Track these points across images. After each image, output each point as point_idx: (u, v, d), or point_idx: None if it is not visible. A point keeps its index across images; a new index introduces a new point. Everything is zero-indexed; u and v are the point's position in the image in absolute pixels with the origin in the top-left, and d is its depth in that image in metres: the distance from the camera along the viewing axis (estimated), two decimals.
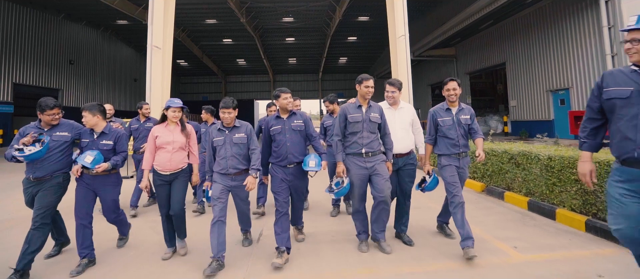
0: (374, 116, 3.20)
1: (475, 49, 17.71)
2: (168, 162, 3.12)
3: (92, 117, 3.05)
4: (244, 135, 3.11)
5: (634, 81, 1.89)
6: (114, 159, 3.07)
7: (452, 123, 3.25)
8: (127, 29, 23.64)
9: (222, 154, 3.07)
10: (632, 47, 1.90)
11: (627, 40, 1.93)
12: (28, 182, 2.93)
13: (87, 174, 3.03)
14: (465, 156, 3.28)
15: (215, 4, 18.11)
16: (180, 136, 3.21)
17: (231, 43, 26.53)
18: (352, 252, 3.24)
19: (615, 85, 1.97)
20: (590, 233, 3.49)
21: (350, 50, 29.23)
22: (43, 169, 2.87)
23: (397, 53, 8.96)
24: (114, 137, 3.15)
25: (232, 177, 3.05)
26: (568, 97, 11.92)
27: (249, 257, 3.20)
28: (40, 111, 2.91)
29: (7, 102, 16.56)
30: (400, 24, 8.89)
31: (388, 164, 3.24)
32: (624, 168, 1.89)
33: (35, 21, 18.47)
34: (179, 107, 3.22)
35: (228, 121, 3.07)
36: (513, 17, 14.50)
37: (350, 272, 2.84)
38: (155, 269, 2.99)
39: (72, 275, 2.83)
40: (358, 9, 19.37)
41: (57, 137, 2.96)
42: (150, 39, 7.92)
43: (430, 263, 2.95)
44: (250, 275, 2.83)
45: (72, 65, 21.07)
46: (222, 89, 37.36)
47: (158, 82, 7.86)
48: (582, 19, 11.13)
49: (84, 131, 3.15)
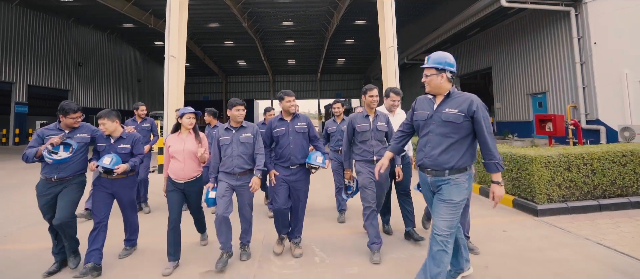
0: (381, 125, 3.30)
1: (464, 54, 18.75)
2: (181, 171, 3.12)
3: (112, 123, 3.13)
4: (251, 135, 3.15)
5: (429, 107, 2.46)
6: (132, 160, 3.16)
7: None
8: (132, 31, 24.49)
9: (228, 153, 3.09)
10: (426, 80, 2.43)
11: (424, 74, 2.44)
12: (47, 184, 2.94)
13: (105, 178, 3.11)
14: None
15: (219, 9, 19.03)
16: (193, 144, 3.19)
17: (232, 45, 27.41)
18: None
19: (421, 109, 2.52)
20: (516, 208, 4.59)
21: (347, 52, 30.14)
22: (68, 170, 2.97)
23: (387, 61, 9.98)
24: (131, 141, 3.23)
25: (237, 177, 3.08)
26: (545, 100, 13.00)
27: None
28: (62, 114, 2.99)
29: (23, 102, 17.49)
30: (389, 35, 9.90)
31: (397, 169, 3.33)
32: (419, 172, 2.52)
33: (48, 25, 19.36)
34: (193, 113, 3.25)
35: (239, 118, 3.13)
36: (498, 26, 15.54)
37: None
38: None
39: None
40: (355, 14, 20.32)
41: (78, 139, 3.06)
42: (168, 50, 8.91)
43: None
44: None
45: (80, 67, 21.96)
46: (223, 89, 38.22)
47: (174, 88, 8.85)
48: (557, 30, 12.18)
49: (99, 135, 3.20)
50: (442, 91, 2.38)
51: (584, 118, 10.90)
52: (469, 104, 2.28)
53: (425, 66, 2.41)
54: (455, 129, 2.30)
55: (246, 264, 3.10)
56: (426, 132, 2.41)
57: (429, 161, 2.35)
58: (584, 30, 10.81)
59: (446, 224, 2.23)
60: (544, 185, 4.15)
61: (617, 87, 9.90)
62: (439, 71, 2.35)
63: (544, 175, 4.15)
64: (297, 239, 3.35)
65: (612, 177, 4.31)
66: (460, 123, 2.29)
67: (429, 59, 2.41)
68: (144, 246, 3.55)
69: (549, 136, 9.65)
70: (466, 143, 2.32)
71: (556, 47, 12.26)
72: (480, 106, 2.28)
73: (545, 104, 12.97)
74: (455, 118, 2.29)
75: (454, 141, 2.29)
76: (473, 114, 2.26)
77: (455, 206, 2.25)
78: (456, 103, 2.33)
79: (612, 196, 4.34)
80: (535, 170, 4.16)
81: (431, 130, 2.38)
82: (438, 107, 2.39)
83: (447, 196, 2.28)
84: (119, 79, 26.77)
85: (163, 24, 20.72)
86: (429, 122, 2.40)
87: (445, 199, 2.27)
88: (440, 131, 2.33)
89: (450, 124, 2.30)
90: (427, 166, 2.38)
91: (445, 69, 2.33)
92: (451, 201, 2.25)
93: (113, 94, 25.80)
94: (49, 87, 19.46)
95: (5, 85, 16.89)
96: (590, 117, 10.79)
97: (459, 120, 2.28)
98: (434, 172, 2.35)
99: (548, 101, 12.76)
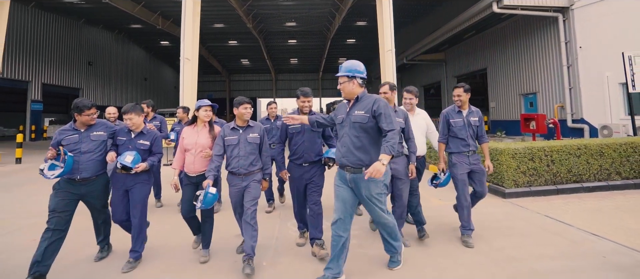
0: (399, 121, 3.27)
1: (461, 55, 19.47)
2: (192, 164, 3.12)
3: (139, 118, 3.14)
4: (258, 136, 3.11)
5: (344, 111, 2.71)
6: (150, 159, 3.14)
7: (463, 124, 3.48)
8: (139, 31, 25.23)
9: (234, 153, 3.04)
10: (340, 87, 2.68)
11: (339, 82, 2.69)
12: (71, 183, 2.87)
13: (121, 173, 3.04)
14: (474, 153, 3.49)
15: (224, 10, 19.73)
16: (206, 138, 3.18)
17: (236, 44, 28.13)
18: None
19: (340, 114, 2.77)
20: (489, 193, 5.23)
21: (349, 51, 30.81)
22: (88, 170, 2.90)
23: (386, 63, 10.74)
24: (152, 138, 3.21)
25: (243, 178, 3.04)
26: (536, 100, 13.73)
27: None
28: (77, 112, 2.91)
29: (38, 100, 18.33)
30: (388, 39, 10.66)
31: (412, 167, 3.33)
32: (338, 169, 2.73)
33: (60, 26, 20.15)
34: (210, 106, 3.23)
35: (246, 117, 3.08)
36: (492, 29, 16.25)
37: None
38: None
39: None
40: (357, 15, 20.98)
41: (95, 137, 2.99)
42: (183, 53, 9.69)
43: None
44: None
45: (90, 66, 22.78)
46: (226, 87, 39.03)
47: (189, 88, 9.64)
48: (546, 34, 12.90)
49: (119, 129, 3.17)
50: (353, 95, 2.64)
51: (570, 117, 11.64)
52: (372, 104, 2.55)
53: (338, 75, 2.67)
54: (364, 128, 2.55)
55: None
56: (343, 134, 2.66)
57: (347, 160, 2.57)
58: (570, 35, 11.54)
59: (378, 212, 2.61)
60: (511, 173, 4.94)
61: (599, 88, 10.64)
62: (350, 78, 2.62)
63: (511, 164, 4.94)
64: (319, 241, 3.21)
65: (569, 167, 5.10)
66: (367, 123, 2.54)
67: (341, 68, 2.66)
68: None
69: (532, 133, 10.41)
70: (378, 140, 2.58)
71: (546, 51, 12.98)
72: (382, 104, 2.52)
73: (536, 103, 13.71)
74: (362, 119, 2.55)
75: (367, 140, 2.57)
76: (374, 113, 2.52)
77: (376, 196, 2.56)
78: (363, 105, 2.58)
79: (568, 182, 5.12)
80: (504, 160, 4.94)
81: (346, 132, 2.62)
82: (349, 110, 2.64)
83: (368, 192, 2.56)
84: (126, 78, 27.55)
85: (171, 24, 21.52)
86: (344, 124, 2.67)
87: (369, 195, 2.57)
88: (353, 132, 2.57)
89: (359, 125, 2.55)
90: (346, 165, 2.58)
91: (355, 75, 2.60)
92: (373, 195, 2.56)
93: (120, 92, 26.61)
94: (61, 85, 20.28)
95: (22, 84, 17.71)
96: (575, 116, 11.53)
97: (366, 120, 2.54)
98: (353, 169, 2.56)
99: (538, 101, 13.50)
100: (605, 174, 5.26)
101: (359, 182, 2.54)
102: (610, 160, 5.24)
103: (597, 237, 3.45)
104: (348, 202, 2.62)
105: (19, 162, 9.69)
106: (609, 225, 3.78)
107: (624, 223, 3.85)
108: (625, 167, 5.31)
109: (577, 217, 4.09)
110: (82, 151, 2.90)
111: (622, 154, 5.27)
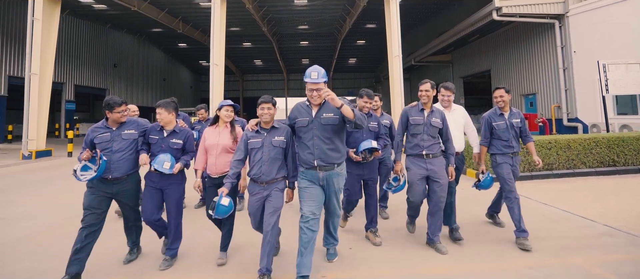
0: (436, 120, 3.22)
1: (467, 57, 20.33)
2: (213, 165, 3.09)
3: (168, 115, 3.04)
4: (284, 139, 2.80)
5: (308, 114, 2.71)
6: (184, 158, 3.07)
7: (506, 127, 3.50)
8: (159, 35, 26.68)
9: (257, 157, 2.77)
10: (312, 95, 2.65)
11: (311, 89, 2.63)
12: (103, 182, 2.84)
13: (155, 173, 2.97)
14: (517, 155, 3.55)
15: (240, 15, 20.96)
16: (227, 138, 3.13)
17: (250, 46, 29.31)
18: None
19: (300, 116, 2.74)
20: None
21: (359, 52, 31.80)
22: (120, 169, 2.88)
23: (393, 68, 11.80)
24: (184, 136, 3.14)
25: (265, 186, 2.76)
26: (535, 101, 14.60)
27: None
28: (108, 110, 2.89)
29: (71, 100, 19.91)
30: (395, 45, 11.70)
31: (450, 169, 3.26)
32: (306, 171, 2.72)
33: (89, 31, 21.73)
34: (231, 105, 3.19)
35: (267, 118, 2.77)
36: (495, 33, 17.11)
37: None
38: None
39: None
40: (366, 18, 21.88)
41: (126, 136, 2.97)
42: (212, 59, 10.94)
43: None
44: None
45: (115, 67, 24.34)
46: (240, 87, 40.40)
47: (217, 91, 10.87)
48: (545, 39, 13.76)
49: (151, 127, 3.11)
50: (323, 99, 2.64)
51: (565, 116, 12.54)
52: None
53: (317, 80, 2.61)
54: (335, 130, 2.68)
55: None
56: (310, 137, 2.68)
57: (322, 161, 2.65)
58: (566, 40, 12.43)
59: (336, 204, 2.83)
60: None
61: (591, 90, 11.51)
62: (325, 83, 2.68)
63: None
64: (374, 228, 3.50)
65: (541, 158, 6.10)
66: (337, 124, 2.68)
67: (319, 74, 2.64)
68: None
69: None
70: (342, 136, 2.79)
71: (544, 54, 13.85)
72: (346, 103, 2.59)
73: (535, 103, 14.58)
74: (333, 120, 2.65)
75: (337, 139, 2.72)
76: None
77: (340, 188, 2.80)
78: (330, 108, 2.65)
79: (541, 170, 6.16)
80: None
81: (315, 134, 2.66)
82: (317, 113, 2.68)
83: (337, 186, 2.75)
84: (147, 78, 29.07)
85: (190, 28, 22.88)
86: (310, 127, 2.69)
87: (337, 189, 2.76)
88: (324, 134, 2.65)
89: (331, 127, 2.66)
90: (322, 165, 2.65)
91: (326, 81, 2.67)
92: (340, 188, 2.79)
93: (142, 92, 28.15)
94: (91, 86, 21.86)
95: (58, 85, 19.28)
96: (570, 115, 12.42)
97: (336, 121, 2.66)
98: (325, 168, 2.66)
99: (537, 101, 14.37)
100: (572, 163, 6.31)
101: (331, 179, 2.71)
102: (576, 152, 6.27)
103: (558, 209, 4.44)
104: (319, 200, 2.69)
105: (70, 156, 11.10)
106: (566, 201, 4.80)
107: (579, 200, 4.86)
108: (589, 158, 6.35)
109: (545, 197, 5.12)
110: (114, 150, 2.89)
111: (586, 147, 6.33)
